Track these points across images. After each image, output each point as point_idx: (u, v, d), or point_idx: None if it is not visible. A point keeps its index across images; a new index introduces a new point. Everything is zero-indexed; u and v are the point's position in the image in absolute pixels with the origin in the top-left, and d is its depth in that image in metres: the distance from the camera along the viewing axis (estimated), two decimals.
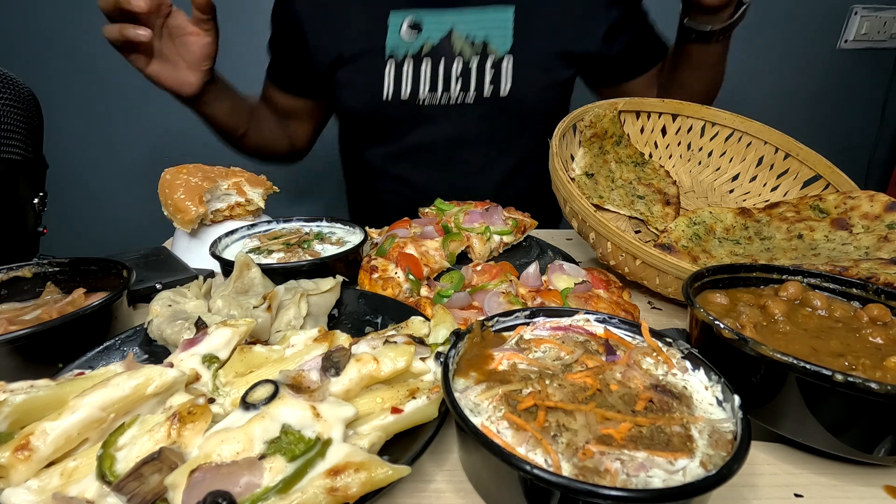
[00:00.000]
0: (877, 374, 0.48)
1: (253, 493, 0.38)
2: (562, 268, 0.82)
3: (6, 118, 0.94)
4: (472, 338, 0.53)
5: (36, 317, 0.69)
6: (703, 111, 1.12)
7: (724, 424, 0.43)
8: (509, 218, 1.03)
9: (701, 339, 0.56)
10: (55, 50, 1.94)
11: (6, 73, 0.98)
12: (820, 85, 2.26)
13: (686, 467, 0.39)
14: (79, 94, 2.02)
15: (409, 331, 0.60)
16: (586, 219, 0.84)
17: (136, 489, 0.39)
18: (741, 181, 1.11)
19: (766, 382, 0.49)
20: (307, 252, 0.88)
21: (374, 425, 0.47)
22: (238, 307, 0.66)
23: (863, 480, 0.50)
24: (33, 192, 1.01)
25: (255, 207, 1.08)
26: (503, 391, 0.46)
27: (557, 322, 0.57)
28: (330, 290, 0.71)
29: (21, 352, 0.58)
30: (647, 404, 0.44)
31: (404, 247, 0.89)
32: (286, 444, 0.41)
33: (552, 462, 0.39)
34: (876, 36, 2.17)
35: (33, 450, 0.41)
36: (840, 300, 0.63)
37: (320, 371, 0.49)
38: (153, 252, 1.00)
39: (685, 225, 0.93)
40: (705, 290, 0.65)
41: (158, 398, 0.49)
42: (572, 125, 1.04)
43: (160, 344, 0.64)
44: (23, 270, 0.76)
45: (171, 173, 1.03)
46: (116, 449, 0.43)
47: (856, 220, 0.87)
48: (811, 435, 0.49)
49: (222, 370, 0.54)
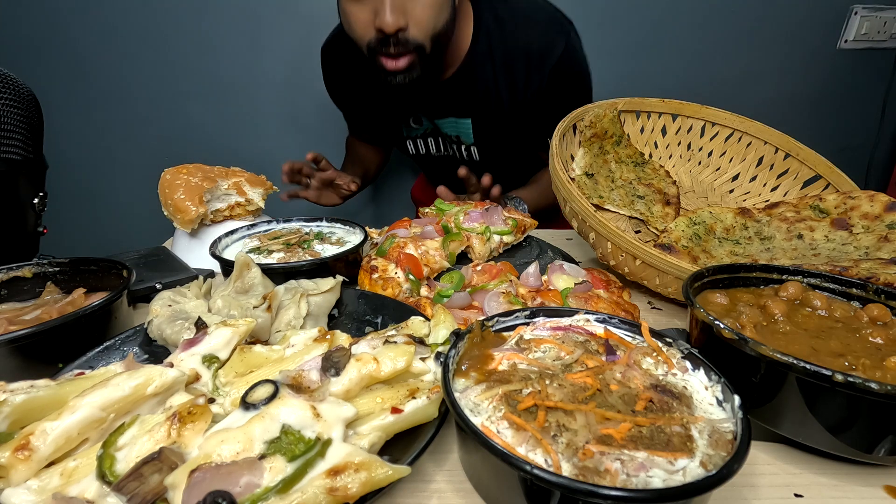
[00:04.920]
0: (877, 374, 0.48)
1: (253, 493, 0.38)
2: (562, 268, 0.82)
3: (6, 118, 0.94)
4: (472, 338, 0.53)
5: (36, 317, 0.69)
6: (703, 111, 1.12)
7: (724, 424, 0.43)
8: (509, 218, 1.03)
9: (701, 339, 0.56)
10: (55, 50, 1.94)
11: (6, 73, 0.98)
12: (820, 85, 2.25)
13: (686, 467, 0.39)
14: (79, 94, 2.02)
15: (409, 331, 0.60)
16: (586, 219, 0.84)
17: (136, 489, 0.38)
18: (741, 181, 1.11)
19: (766, 382, 0.49)
20: (307, 252, 0.88)
21: (374, 425, 0.47)
22: (238, 307, 0.66)
23: (863, 480, 0.50)
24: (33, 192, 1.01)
25: (255, 207, 1.08)
26: (503, 391, 0.46)
27: (557, 322, 0.57)
28: (330, 290, 0.71)
29: (21, 352, 0.58)
30: (647, 404, 0.44)
31: (404, 247, 0.89)
32: (286, 444, 0.41)
33: (552, 462, 0.39)
34: (876, 36, 2.17)
35: (33, 450, 0.41)
36: (840, 300, 0.63)
37: (320, 371, 0.49)
38: (153, 252, 1.00)
39: (685, 225, 0.93)
40: (705, 290, 0.65)
41: (158, 398, 0.49)
42: (572, 125, 1.04)
43: (160, 344, 0.64)
44: (23, 270, 0.76)
45: (171, 173, 1.03)
46: (116, 449, 0.42)
47: (856, 220, 0.87)
48: (811, 435, 0.49)
49: (222, 370, 0.54)
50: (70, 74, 1.99)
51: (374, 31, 1.11)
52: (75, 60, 1.97)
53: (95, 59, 1.97)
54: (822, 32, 2.16)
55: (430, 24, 1.13)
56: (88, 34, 1.93)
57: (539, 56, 1.30)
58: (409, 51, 1.13)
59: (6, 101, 0.95)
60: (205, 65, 2.01)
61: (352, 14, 1.13)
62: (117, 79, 2.01)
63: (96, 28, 1.93)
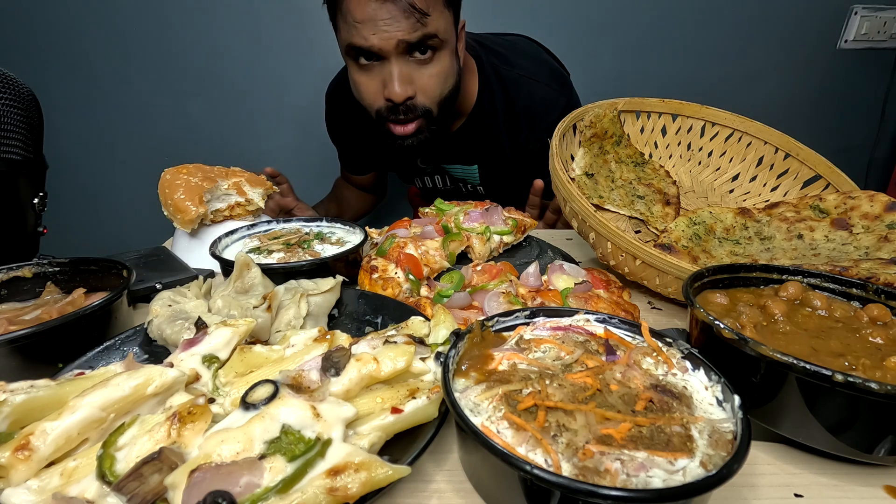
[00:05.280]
0: (877, 374, 0.48)
1: (253, 493, 0.38)
2: (562, 268, 0.82)
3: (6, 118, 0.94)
4: (472, 338, 0.53)
5: (36, 317, 0.69)
6: (703, 111, 1.12)
7: (724, 424, 0.43)
8: (509, 218, 1.03)
9: (701, 339, 0.56)
10: (55, 50, 1.94)
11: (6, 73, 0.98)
12: (820, 85, 2.26)
13: (686, 467, 0.39)
14: (79, 94, 2.02)
15: (409, 331, 0.60)
16: (586, 219, 0.84)
17: (136, 489, 0.38)
18: (741, 181, 1.11)
19: (766, 382, 0.49)
20: (307, 252, 0.88)
21: (374, 425, 0.47)
22: (238, 307, 0.66)
23: (863, 480, 0.50)
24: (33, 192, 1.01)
25: (255, 207, 1.08)
26: (503, 391, 0.46)
27: (557, 322, 0.57)
28: (330, 290, 0.71)
29: (21, 352, 0.58)
30: (647, 404, 0.44)
31: (404, 247, 0.89)
32: (286, 444, 0.41)
33: (552, 462, 0.39)
34: (876, 36, 2.17)
35: (33, 450, 0.41)
36: (840, 300, 0.63)
37: (320, 371, 0.49)
38: (153, 252, 1.00)
39: (685, 225, 0.93)
40: (705, 290, 0.65)
41: (158, 398, 0.49)
42: (572, 125, 1.04)
43: (160, 344, 0.64)
44: (23, 270, 0.76)
45: (171, 173, 1.03)
46: (116, 449, 0.42)
47: (856, 220, 0.87)
48: (811, 435, 0.49)
49: (222, 370, 0.54)
50: (70, 74, 1.99)
51: (383, 99, 1.17)
52: (75, 60, 1.97)
53: (95, 59, 1.97)
54: (822, 32, 2.17)
55: (436, 92, 1.18)
56: (88, 34, 1.93)
57: (541, 112, 1.36)
58: (417, 116, 1.19)
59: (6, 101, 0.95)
60: (205, 65, 2.01)
61: (361, 84, 1.19)
62: (117, 79, 2.01)
63: (96, 28, 1.93)
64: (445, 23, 1.13)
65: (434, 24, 1.09)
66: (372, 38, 1.08)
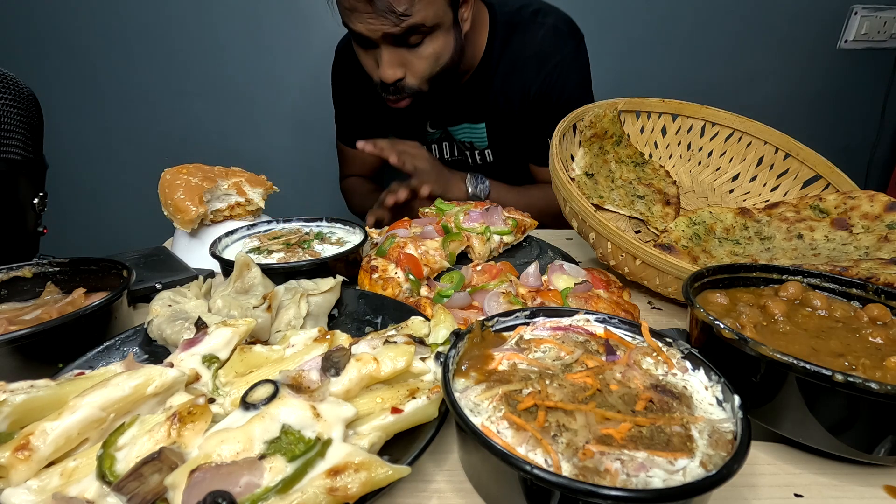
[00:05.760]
0: (877, 374, 0.48)
1: (253, 493, 0.38)
2: (562, 268, 0.82)
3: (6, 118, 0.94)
4: (472, 338, 0.53)
5: (36, 317, 0.69)
6: (703, 111, 1.12)
7: (724, 424, 0.43)
8: (509, 218, 1.03)
9: (701, 339, 0.56)
10: (55, 50, 1.94)
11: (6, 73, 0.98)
12: (820, 85, 2.26)
13: (686, 467, 0.39)
14: (79, 94, 2.02)
15: (409, 331, 0.60)
16: (586, 219, 0.84)
17: (136, 489, 0.38)
18: (741, 181, 1.11)
19: (766, 382, 0.49)
20: (307, 252, 0.88)
21: (374, 425, 0.47)
22: (238, 307, 0.66)
23: (863, 480, 0.50)
24: (33, 192, 1.01)
25: (255, 207, 1.08)
26: (503, 391, 0.46)
27: (557, 322, 0.57)
28: (330, 290, 0.71)
29: (21, 352, 0.58)
30: (647, 404, 0.44)
31: (404, 247, 0.89)
32: (286, 444, 0.41)
33: (552, 462, 0.39)
34: (876, 36, 2.17)
35: (33, 450, 0.41)
36: (840, 300, 0.63)
37: (320, 371, 0.49)
38: (153, 252, 1.00)
39: (685, 225, 0.93)
40: (705, 290, 0.65)
41: (158, 398, 0.49)
42: (572, 125, 1.04)
43: (160, 344, 0.64)
44: (23, 270, 0.76)
45: (171, 173, 1.03)
46: (116, 449, 0.42)
47: (856, 220, 0.87)
48: (811, 435, 0.49)
49: (222, 370, 0.54)
50: (70, 74, 1.99)
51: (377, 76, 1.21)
52: (76, 60, 1.97)
53: (96, 59, 1.97)
54: (822, 32, 2.17)
55: (426, 73, 1.21)
56: (89, 34, 1.93)
57: (546, 55, 1.35)
58: (406, 95, 1.24)
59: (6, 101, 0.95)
60: (205, 65, 2.01)
61: (360, 57, 1.25)
62: (117, 79, 2.01)
63: (96, 28, 1.93)
64: (436, 8, 1.12)
65: (420, 14, 1.09)
66: (359, 27, 1.11)
